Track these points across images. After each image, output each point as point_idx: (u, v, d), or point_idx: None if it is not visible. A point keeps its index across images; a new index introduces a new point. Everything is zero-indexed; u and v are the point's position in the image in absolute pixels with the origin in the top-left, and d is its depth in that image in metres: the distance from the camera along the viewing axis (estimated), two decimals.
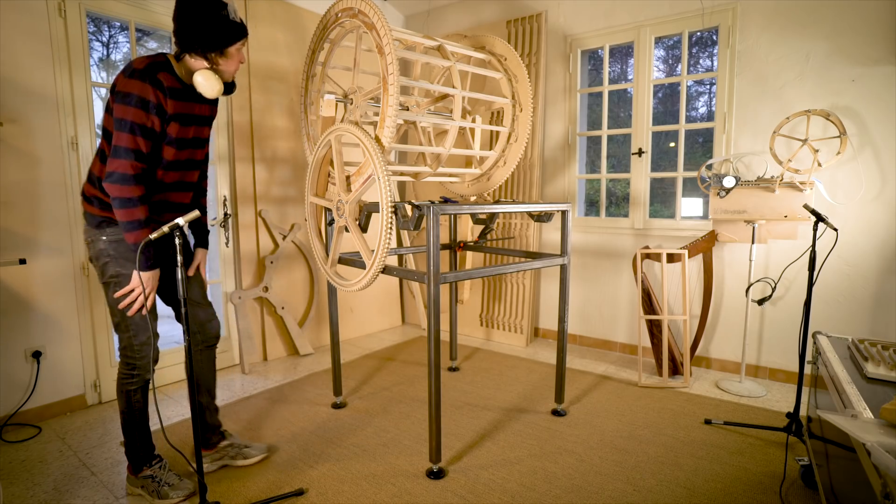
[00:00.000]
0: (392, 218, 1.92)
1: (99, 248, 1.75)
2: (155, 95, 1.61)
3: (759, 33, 2.88)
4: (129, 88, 1.59)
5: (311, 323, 3.62)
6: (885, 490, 0.90)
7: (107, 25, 3.38)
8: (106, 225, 1.74)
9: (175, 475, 1.88)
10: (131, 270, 1.73)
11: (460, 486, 1.91)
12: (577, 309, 3.73)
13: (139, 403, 1.84)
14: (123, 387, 1.81)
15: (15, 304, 2.37)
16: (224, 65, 1.76)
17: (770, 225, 2.79)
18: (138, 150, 1.61)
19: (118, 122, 1.59)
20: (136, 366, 1.79)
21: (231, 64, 1.78)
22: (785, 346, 2.95)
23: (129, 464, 1.88)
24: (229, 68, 1.78)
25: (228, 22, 1.68)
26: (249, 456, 2.05)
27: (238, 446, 2.06)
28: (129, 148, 1.59)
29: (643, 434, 2.31)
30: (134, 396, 1.82)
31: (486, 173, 2.86)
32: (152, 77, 1.61)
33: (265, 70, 3.28)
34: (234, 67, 1.80)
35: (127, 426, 1.85)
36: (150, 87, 1.60)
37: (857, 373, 1.48)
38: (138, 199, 1.63)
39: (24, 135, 2.36)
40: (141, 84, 1.59)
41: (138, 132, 1.60)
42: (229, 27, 1.69)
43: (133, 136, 1.59)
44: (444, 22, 4.25)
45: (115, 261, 1.74)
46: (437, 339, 1.94)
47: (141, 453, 1.86)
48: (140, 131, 1.60)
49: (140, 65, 1.62)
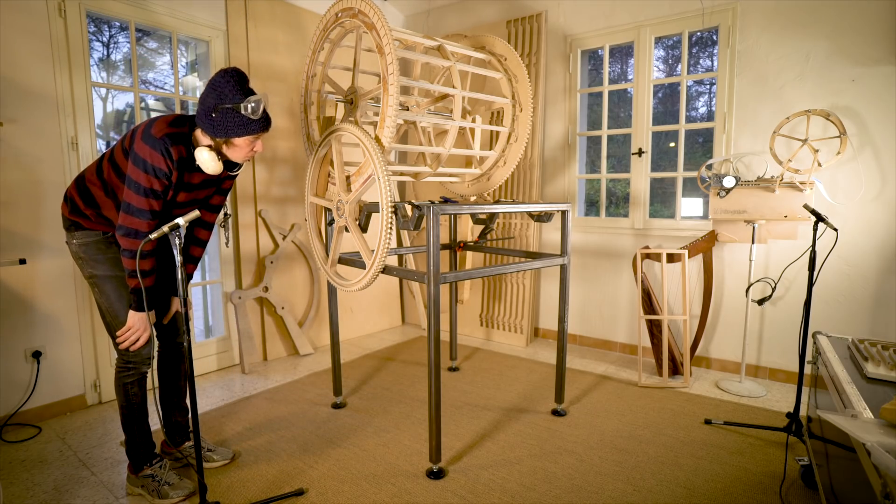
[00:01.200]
0: (392, 218, 1.92)
1: (72, 251, 1.82)
2: (167, 165, 1.65)
3: (759, 33, 2.88)
4: (142, 154, 1.62)
5: (311, 323, 3.62)
6: (885, 490, 0.90)
7: (107, 25, 3.38)
8: (75, 228, 1.79)
9: (175, 474, 1.88)
10: (102, 272, 1.78)
11: (460, 486, 1.91)
12: (577, 309, 3.73)
13: (137, 397, 1.84)
14: (121, 380, 1.83)
15: (15, 304, 2.37)
16: (228, 152, 1.74)
17: (770, 225, 2.79)
18: (152, 210, 1.67)
19: (131, 181, 1.64)
20: (131, 360, 1.81)
21: (237, 153, 1.74)
22: (785, 346, 2.95)
23: (130, 463, 1.88)
24: (234, 156, 1.75)
25: (238, 116, 1.63)
26: (211, 460, 2.05)
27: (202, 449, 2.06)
28: (142, 209, 1.65)
29: (643, 434, 2.31)
30: (131, 389, 1.83)
31: (486, 173, 2.86)
32: (165, 149, 1.63)
33: (265, 70, 3.28)
34: (241, 156, 1.76)
35: (126, 422, 1.85)
36: (161, 157, 1.63)
37: (857, 373, 1.48)
38: (148, 253, 1.68)
39: (24, 135, 2.36)
40: (151, 152, 1.62)
41: (151, 195, 1.65)
42: (238, 121, 1.64)
43: (147, 199, 1.64)
44: (444, 22, 4.25)
45: (87, 262, 1.80)
46: (437, 339, 1.94)
47: (141, 450, 1.87)
48: (152, 195, 1.66)
49: (158, 133, 1.63)
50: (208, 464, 2.03)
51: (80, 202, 1.77)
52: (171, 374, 2.03)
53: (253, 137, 1.72)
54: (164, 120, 1.67)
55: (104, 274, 1.79)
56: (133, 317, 1.72)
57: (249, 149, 1.75)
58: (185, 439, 2.10)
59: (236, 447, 2.20)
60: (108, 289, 1.79)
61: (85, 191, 1.77)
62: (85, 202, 1.77)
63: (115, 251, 1.80)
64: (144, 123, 1.68)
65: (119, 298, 1.79)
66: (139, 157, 1.62)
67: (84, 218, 1.79)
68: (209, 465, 2.03)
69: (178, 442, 2.08)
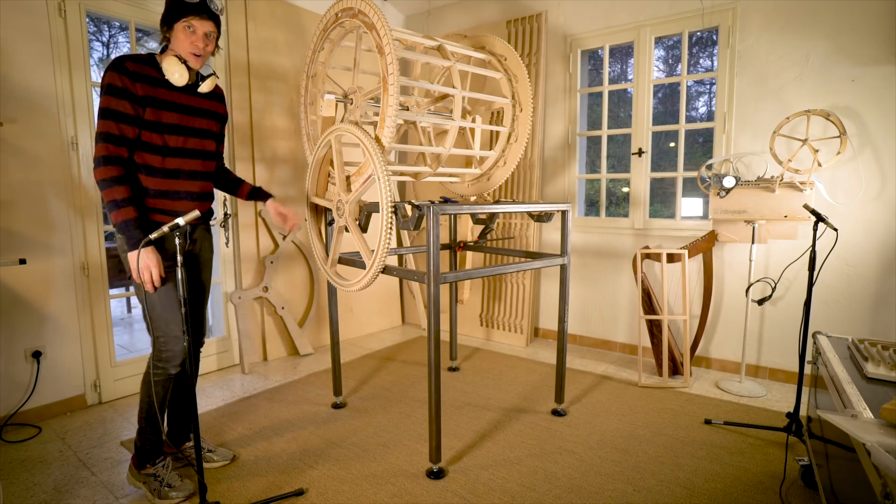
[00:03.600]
0: (392, 218, 1.92)
1: (124, 249, 1.76)
2: (121, 80, 1.66)
3: (759, 33, 2.88)
4: (102, 82, 1.70)
5: (311, 323, 3.62)
6: (885, 490, 0.90)
7: (107, 25, 3.38)
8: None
9: (177, 476, 1.88)
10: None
11: (460, 486, 1.91)
12: (577, 309, 3.73)
13: (159, 396, 1.83)
14: (147, 377, 1.82)
15: (15, 304, 2.37)
16: (173, 43, 1.75)
17: (770, 225, 2.79)
18: (110, 133, 1.66)
19: (98, 113, 1.68)
20: (161, 358, 1.79)
21: (179, 45, 1.73)
22: (785, 346, 2.95)
23: (134, 456, 1.89)
24: (178, 49, 1.74)
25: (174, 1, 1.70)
26: (211, 460, 2.05)
27: (202, 449, 2.06)
28: (102, 132, 1.66)
29: (643, 434, 2.31)
30: (156, 388, 1.81)
31: (486, 173, 2.86)
32: (119, 66, 1.69)
33: (265, 70, 3.28)
34: (185, 48, 1.73)
35: (143, 416, 1.84)
36: (116, 74, 1.67)
37: (857, 373, 1.48)
38: (114, 180, 1.66)
39: (24, 135, 2.36)
40: (110, 73, 1.67)
41: (111, 117, 1.66)
42: (172, 5, 1.70)
43: (105, 121, 1.65)
44: (444, 22, 4.25)
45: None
46: (437, 339, 1.94)
47: (148, 447, 1.86)
48: (111, 116, 1.66)
49: (113, 61, 1.71)
50: (208, 464, 2.03)
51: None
52: (184, 376, 2.02)
53: (184, 22, 1.70)
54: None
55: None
56: (132, 258, 1.66)
57: (190, 40, 1.73)
58: (186, 439, 2.10)
59: (236, 447, 2.20)
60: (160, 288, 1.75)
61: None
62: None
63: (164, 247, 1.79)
64: None
65: (166, 298, 1.75)
66: (102, 86, 1.69)
67: None
68: (209, 466, 2.03)
69: (179, 441, 2.09)
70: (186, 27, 1.71)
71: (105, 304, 2.67)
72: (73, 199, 2.52)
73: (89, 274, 2.59)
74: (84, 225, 2.57)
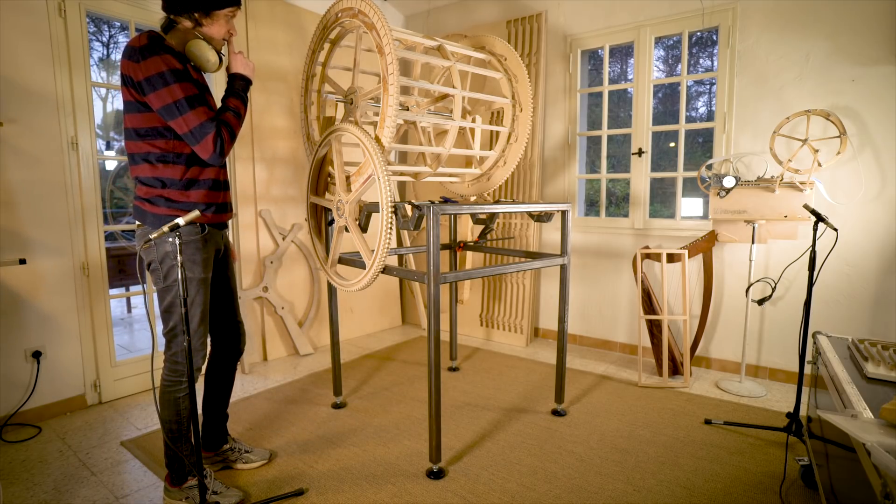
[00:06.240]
0: (392, 218, 1.92)
1: (165, 251, 1.64)
2: (178, 62, 1.57)
3: (759, 33, 2.88)
4: (155, 69, 1.52)
5: (311, 323, 3.62)
6: (885, 490, 0.90)
7: (107, 25, 3.38)
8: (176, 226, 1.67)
9: (220, 483, 1.82)
10: (197, 274, 1.70)
11: (460, 486, 1.91)
12: (577, 309, 3.73)
13: (187, 410, 1.73)
14: (171, 394, 1.71)
15: (15, 304, 2.37)
16: (208, 28, 1.65)
17: (770, 225, 2.79)
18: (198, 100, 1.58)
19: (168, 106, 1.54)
20: (184, 372, 1.70)
21: (216, 30, 1.67)
22: (785, 346, 2.95)
23: (169, 475, 1.77)
24: (214, 33, 1.67)
25: None
26: (250, 461, 2.04)
27: (239, 450, 2.05)
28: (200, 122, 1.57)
29: (643, 434, 2.31)
30: (182, 403, 1.73)
31: (486, 173, 2.86)
32: (162, 46, 1.56)
33: (265, 70, 3.28)
34: (220, 34, 1.69)
35: (175, 438, 1.73)
36: (170, 57, 1.55)
37: (857, 373, 1.48)
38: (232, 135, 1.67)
39: (24, 135, 2.36)
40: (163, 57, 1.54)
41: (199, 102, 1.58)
42: None
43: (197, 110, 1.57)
44: (444, 22, 4.25)
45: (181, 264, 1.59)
46: (437, 339, 1.94)
47: (187, 464, 1.76)
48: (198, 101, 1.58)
49: (141, 40, 1.54)
50: (247, 465, 2.02)
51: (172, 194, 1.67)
52: (222, 380, 2.00)
53: (230, 11, 1.68)
54: (136, 37, 1.56)
55: (199, 277, 1.70)
56: (249, 68, 1.80)
57: (228, 25, 1.70)
58: (224, 442, 2.05)
59: None
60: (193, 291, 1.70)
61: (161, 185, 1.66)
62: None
63: (210, 250, 1.75)
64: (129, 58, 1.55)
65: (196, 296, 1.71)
66: (155, 75, 1.51)
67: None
68: (247, 466, 2.02)
69: (216, 445, 2.03)
70: (231, 16, 1.70)
71: (105, 303, 2.67)
72: (72, 199, 2.52)
73: (89, 274, 2.59)
74: (84, 225, 2.57)
